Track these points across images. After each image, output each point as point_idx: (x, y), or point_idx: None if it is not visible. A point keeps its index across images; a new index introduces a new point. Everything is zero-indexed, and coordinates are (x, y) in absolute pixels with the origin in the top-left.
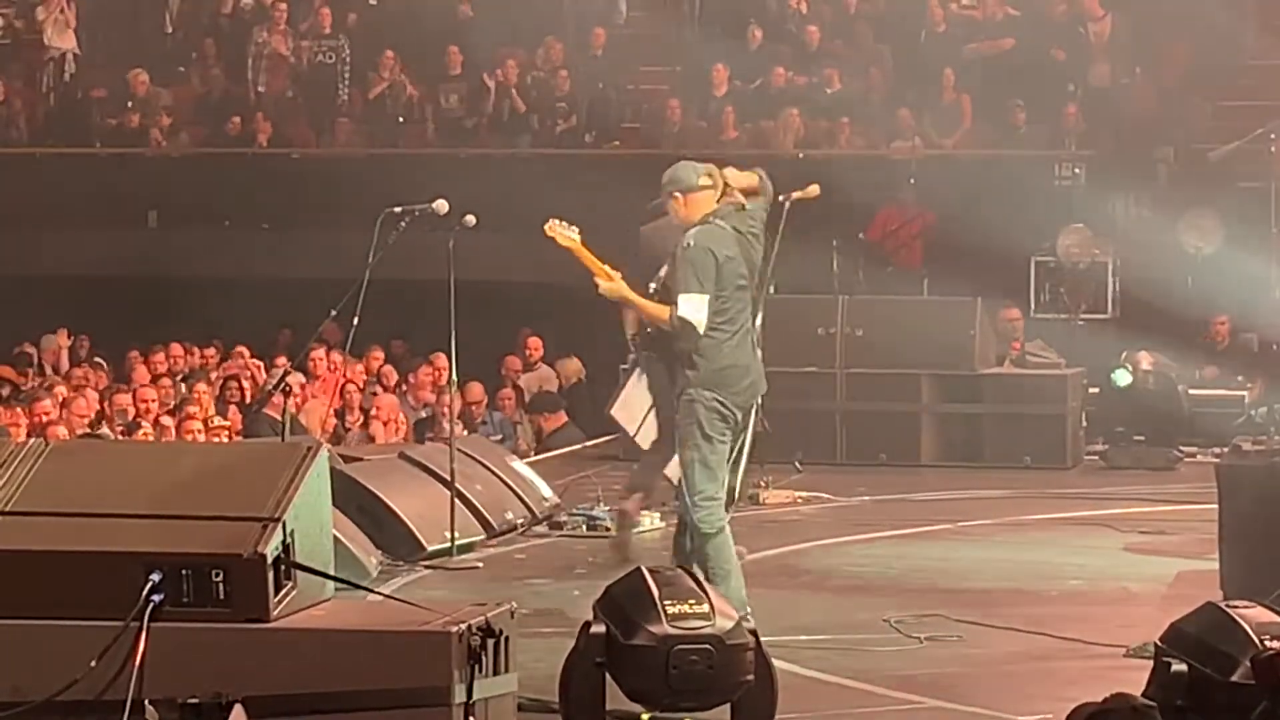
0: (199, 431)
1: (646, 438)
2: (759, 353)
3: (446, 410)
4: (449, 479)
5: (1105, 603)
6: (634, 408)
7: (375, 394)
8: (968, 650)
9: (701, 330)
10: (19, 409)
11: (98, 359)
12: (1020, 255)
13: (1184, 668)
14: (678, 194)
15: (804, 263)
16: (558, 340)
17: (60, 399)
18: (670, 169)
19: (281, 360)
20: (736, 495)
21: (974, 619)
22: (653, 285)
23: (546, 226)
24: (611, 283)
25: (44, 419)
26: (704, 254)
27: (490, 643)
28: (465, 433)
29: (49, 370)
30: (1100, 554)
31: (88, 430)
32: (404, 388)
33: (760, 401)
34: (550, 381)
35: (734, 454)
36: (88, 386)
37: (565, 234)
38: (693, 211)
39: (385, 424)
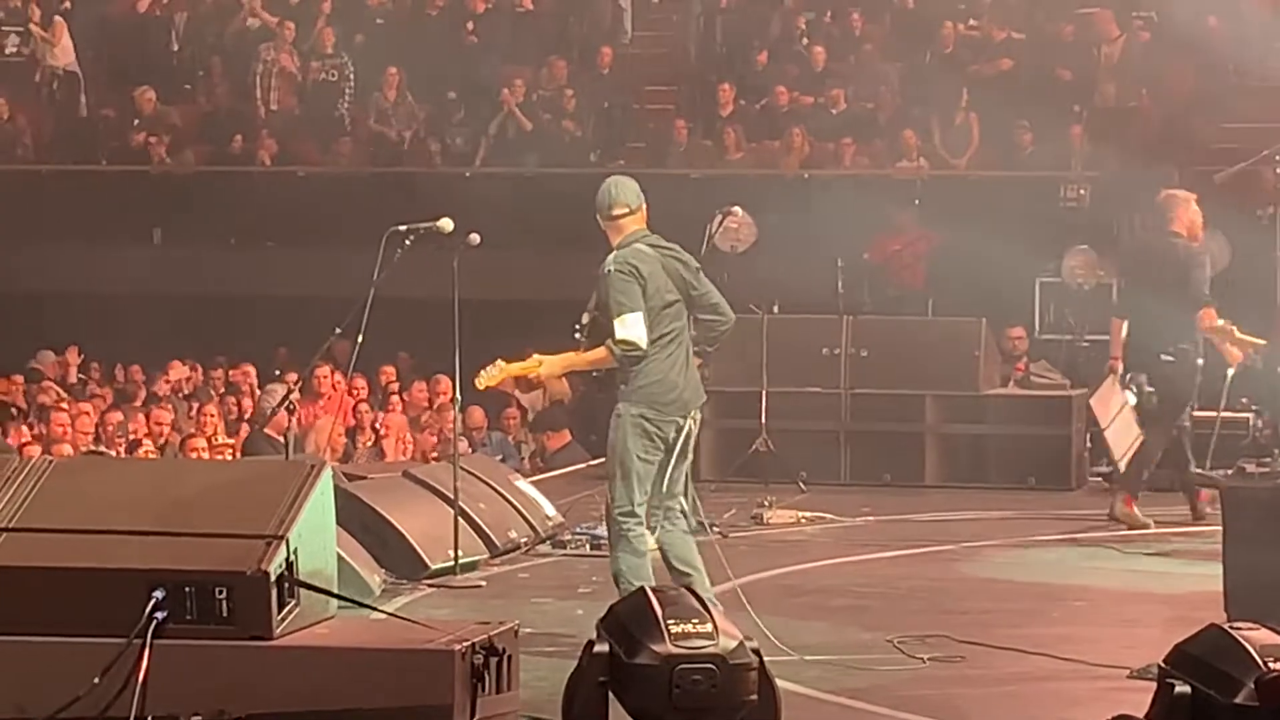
0: (203, 450)
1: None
2: (693, 366)
3: (449, 430)
4: (452, 497)
5: (1109, 624)
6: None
7: (385, 412)
8: (971, 671)
9: (645, 344)
10: (27, 426)
11: (101, 377)
12: (1025, 276)
13: (1187, 689)
14: (602, 216)
15: (808, 283)
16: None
17: (68, 416)
18: (600, 190)
19: (291, 378)
20: (693, 515)
21: (977, 639)
22: (580, 323)
23: (479, 384)
24: (540, 366)
25: (62, 431)
26: (624, 277)
27: (493, 661)
28: (470, 450)
29: (55, 387)
30: (1104, 575)
31: (90, 449)
32: (403, 404)
33: (699, 415)
34: (563, 395)
35: (671, 470)
36: (92, 404)
37: (489, 375)
38: (614, 235)
39: (396, 442)
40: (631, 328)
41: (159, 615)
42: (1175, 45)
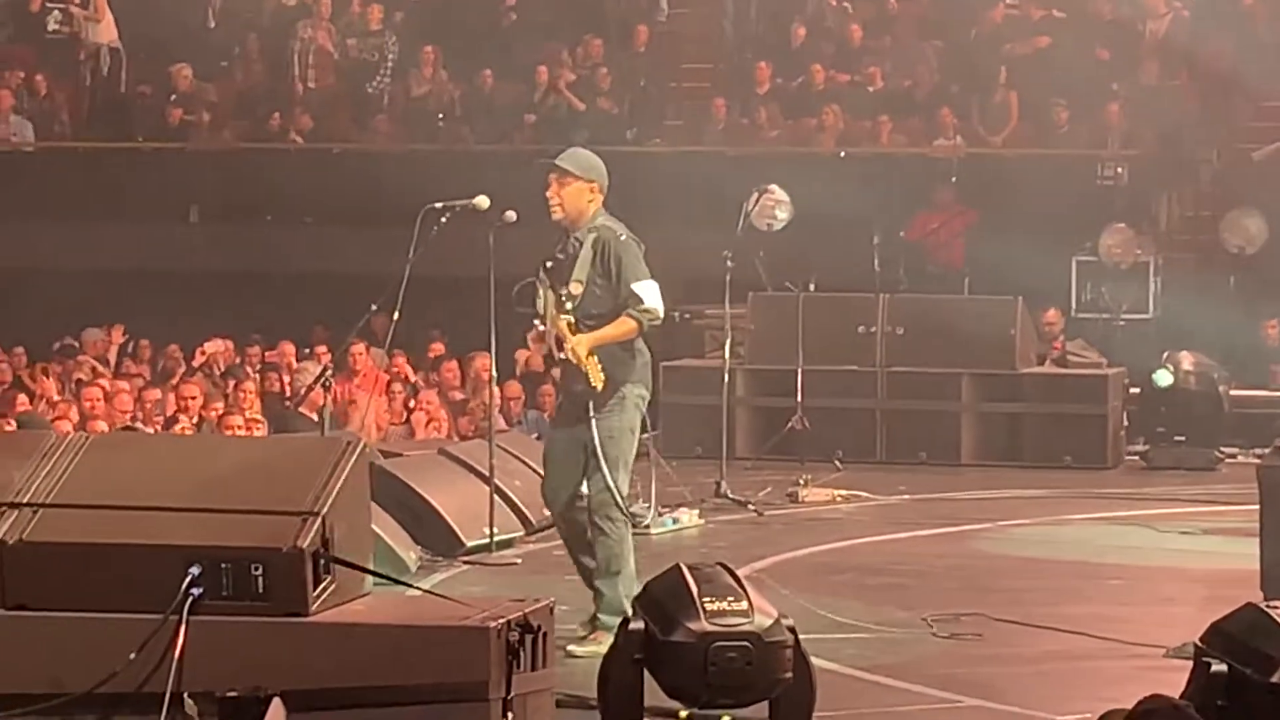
0: (239, 428)
1: None
2: None
3: (483, 407)
4: (488, 475)
5: (1145, 603)
6: None
7: (419, 389)
8: (1007, 649)
9: (662, 314)
10: (65, 403)
11: (137, 355)
12: (1062, 254)
13: (1224, 668)
14: (595, 183)
15: (845, 261)
16: None
17: (104, 393)
18: (585, 153)
19: (323, 353)
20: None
21: (1013, 618)
22: (570, 289)
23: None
24: (579, 349)
25: (90, 406)
26: (637, 247)
27: (529, 638)
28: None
29: (92, 362)
30: (1140, 554)
31: (126, 426)
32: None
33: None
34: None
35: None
36: (130, 382)
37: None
38: (593, 205)
39: (428, 420)
40: (657, 296)
41: (195, 591)
42: (1214, 23)
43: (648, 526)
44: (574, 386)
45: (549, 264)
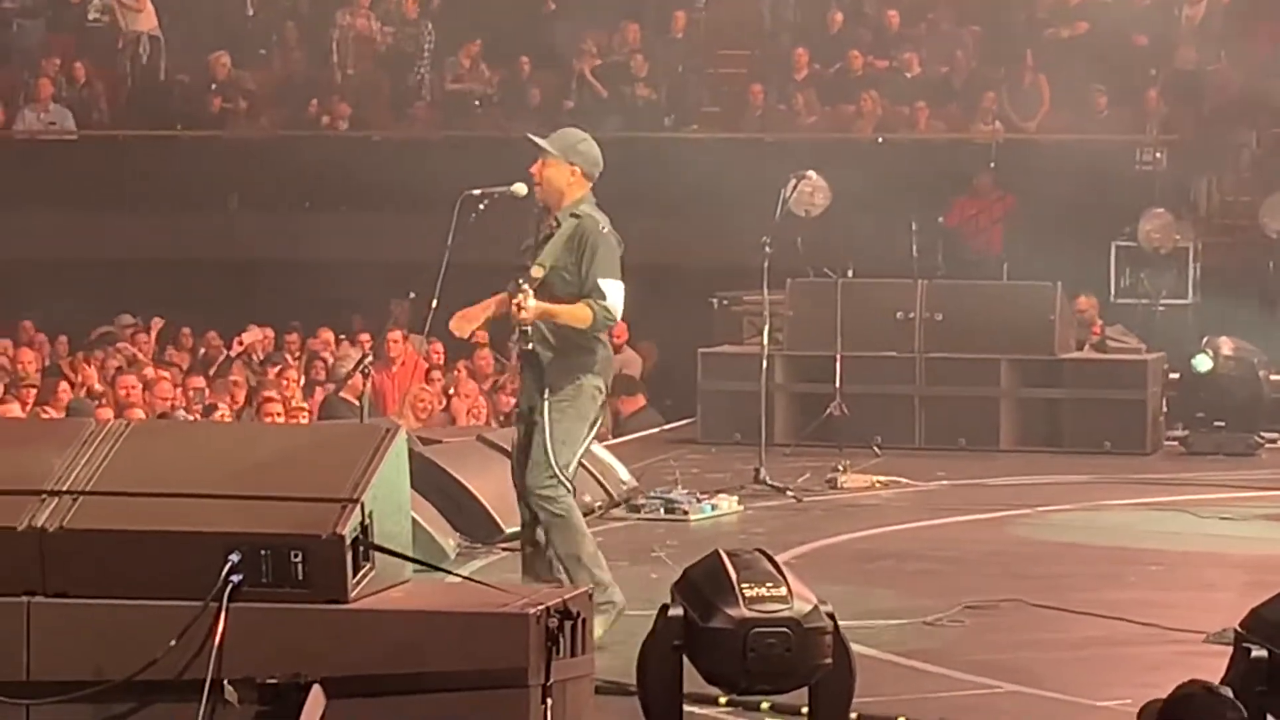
0: (278, 415)
1: None
2: None
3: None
4: None
5: (1184, 588)
6: None
7: (457, 375)
8: (1045, 635)
9: (619, 318)
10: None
11: (181, 341)
12: (1101, 239)
13: (1264, 654)
14: (576, 167)
15: (883, 247)
16: (636, 325)
17: (144, 380)
18: (576, 135)
19: (364, 339)
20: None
21: (1052, 604)
22: (539, 270)
23: (456, 331)
24: (528, 307)
25: (128, 394)
26: (615, 244)
27: (568, 625)
28: None
29: (128, 347)
30: (1180, 539)
31: (161, 414)
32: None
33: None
34: (632, 365)
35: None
36: (169, 371)
37: (468, 326)
38: (579, 190)
39: (467, 407)
40: (620, 298)
41: (235, 578)
42: (1252, 7)
43: (686, 513)
44: (525, 349)
45: (526, 244)
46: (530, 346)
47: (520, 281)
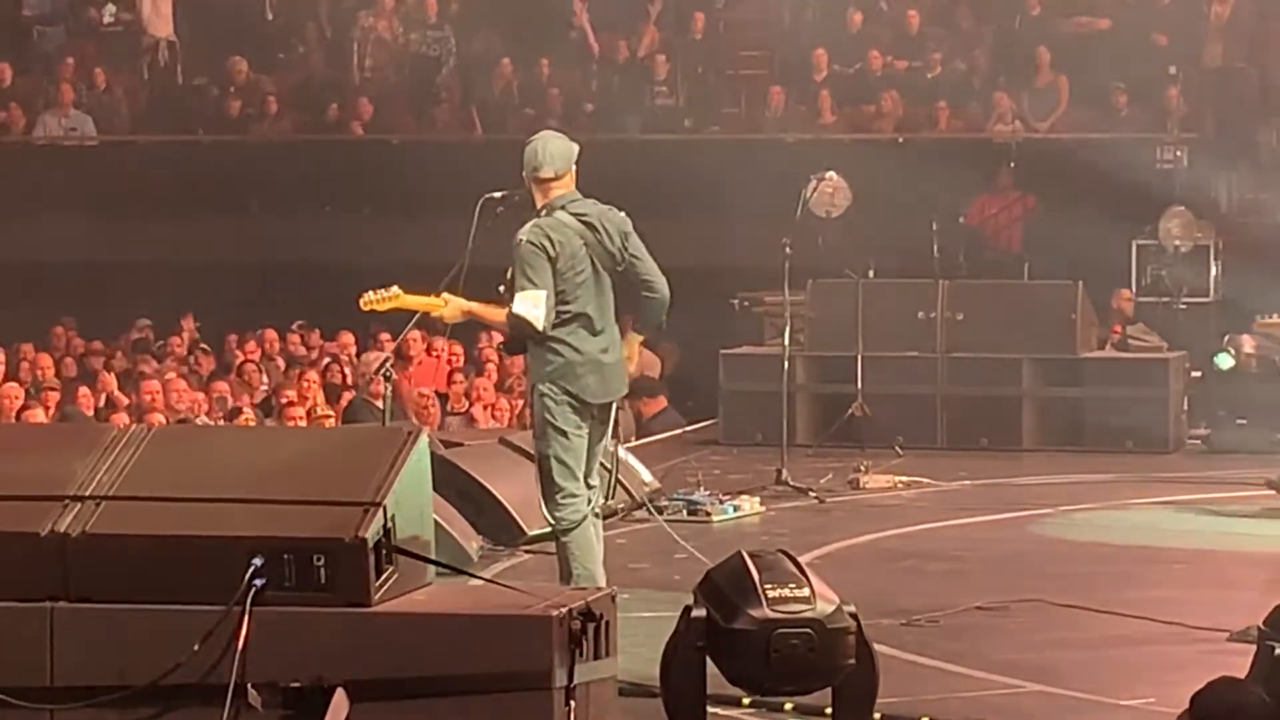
0: (301, 419)
1: None
2: (616, 350)
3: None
4: None
5: (1207, 587)
6: None
7: (476, 378)
8: (1069, 634)
9: (540, 326)
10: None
11: (203, 346)
12: (1122, 238)
13: None
14: (524, 174)
15: (904, 247)
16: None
17: (166, 384)
18: (534, 143)
19: (386, 340)
20: (609, 493)
21: (1075, 603)
22: (500, 287)
23: (362, 303)
24: (445, 306)
25: (152, 400)
26: (535, 250)
27: (591, 627)
28: None
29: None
30: (1202, 538)
31: (180, 419)
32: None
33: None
34: (653, 367)
35: (596, 450)
36: (192, 373)
37: (382, 297)
38: (539, 198)
39: (488, 409)
40: (529, 305)
41: (258, 582)
42: (1274, 5)
43: (709, 514)
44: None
45: None
46: (498, 347)
47: (499, 289)
